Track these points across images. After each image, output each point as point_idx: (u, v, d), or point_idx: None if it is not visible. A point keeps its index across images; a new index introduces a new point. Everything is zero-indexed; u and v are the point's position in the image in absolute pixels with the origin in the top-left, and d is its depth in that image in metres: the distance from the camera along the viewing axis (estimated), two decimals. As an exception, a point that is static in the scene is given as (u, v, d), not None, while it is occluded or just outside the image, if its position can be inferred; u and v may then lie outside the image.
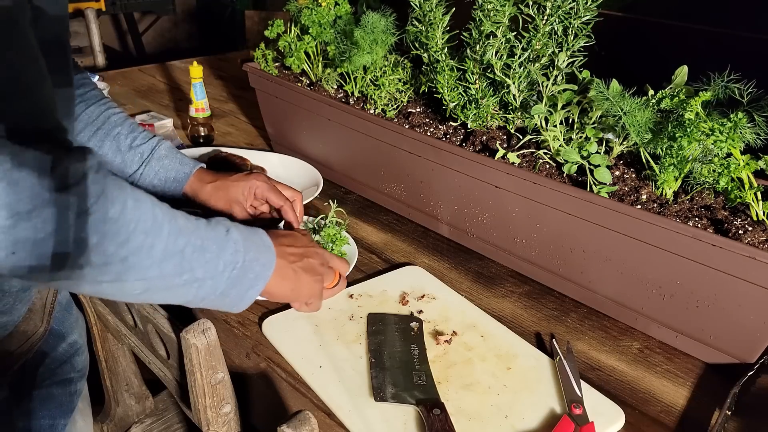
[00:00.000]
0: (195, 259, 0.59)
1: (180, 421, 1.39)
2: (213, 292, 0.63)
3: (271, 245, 0.70)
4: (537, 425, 0.67)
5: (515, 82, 0.93)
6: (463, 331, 0.81)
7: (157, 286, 0.58)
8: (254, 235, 0.68)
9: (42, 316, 0.75)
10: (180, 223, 0.59)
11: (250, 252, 0.66)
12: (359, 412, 0.67)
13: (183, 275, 0.59)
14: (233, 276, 0.64)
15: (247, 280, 0.65)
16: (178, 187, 0.93)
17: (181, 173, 0.92)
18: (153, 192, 0.92)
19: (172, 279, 0.58)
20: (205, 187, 0.92)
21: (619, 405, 0.71)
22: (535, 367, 0.75)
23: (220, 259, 0.62)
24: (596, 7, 0.85)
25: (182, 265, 0.58)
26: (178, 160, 0.93)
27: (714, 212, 0.81)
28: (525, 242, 0.92)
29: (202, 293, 0.62)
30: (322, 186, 1.14)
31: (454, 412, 0.67)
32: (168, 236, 0.57)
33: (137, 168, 0.91)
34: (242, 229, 0.67)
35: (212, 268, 0.61)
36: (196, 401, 0.77)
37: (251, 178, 0.91)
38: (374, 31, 1.02)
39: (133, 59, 4.06)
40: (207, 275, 0.61)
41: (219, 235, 0.63)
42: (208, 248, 0.61)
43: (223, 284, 0.63)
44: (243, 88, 1.76)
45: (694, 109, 0.76)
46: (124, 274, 0.54)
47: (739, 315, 0.73)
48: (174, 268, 0.58)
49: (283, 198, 0.91)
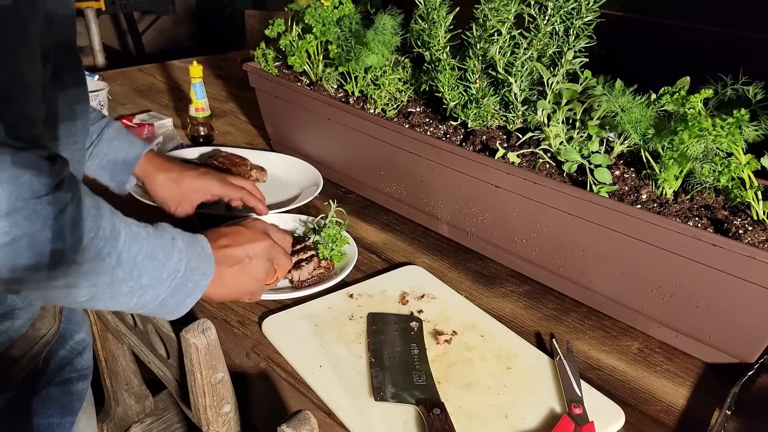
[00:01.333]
0: (144, 267, 0.59)
1: (180, 420, 1.39)
2: (153, 300, 0.62)
3: (211, 254, 0.69)
4: (537, 425, 0.67)
5: (517, 80, 0.93)
6: (463, 330, 0.81)
7: (103, 293, 0.57)
8: (196, 243, 0.68)
9: (54, 315, 0.75)
10: (134, 230, 0.59)
11: (192, 260, 0.65)
12: (359, 412, 0.67)
13: (129, 282, 0.58)
14: (173, 285, 0.63)
15: (185, 289, 0.65)
16: (127, 169, 0.92)
17: (130, 155, 0.91)
18: (102, 173, 0.92)
19: (119, 286, 0.58)
20: (158, 176, 0.92)
21: (619, 405, 0.71)
22: (535, 367, 0.75)
23: (164, 268, 0.62)
24: (598, 8, 0.85)
25: (132, 273, 0.58)
26: (127, 141, 0.92)
27: (714, 212, 0.81)
28: (525, 242, 0.92)
29: (143, 301, 0.62)
30: (322, 186, 1.14)
31: (454, 411, 0.67)
32: (124, 243, 0.57)
33: (86, 148, 0.88)
34: (185, 237, 0.67)
35: (157, 277, 0.61)
36: (196, 401, 0.77)
37: (205, 178, 0.92)
38: (385, 32, 1.02)
39: (133, 59, 4.06)
40: (151, 283, 0.61)
41: (166, 242, 0.63)
42: (156, 256, 0.61)
43: (164, 293, 0.63)
44: (243, 88, 1.76)
45: (695, 106, 0.76)
46: (78, 280, 0.54)
47: (739, 315, 0.73)
48: (124, 275, 0.58)
49: (239, 189, 0.92)
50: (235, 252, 0.73)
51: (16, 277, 0.49)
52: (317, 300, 0.85)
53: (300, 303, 0.84)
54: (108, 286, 0.57)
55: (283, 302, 0.85)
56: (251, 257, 0.75)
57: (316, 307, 0.84)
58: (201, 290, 0.67)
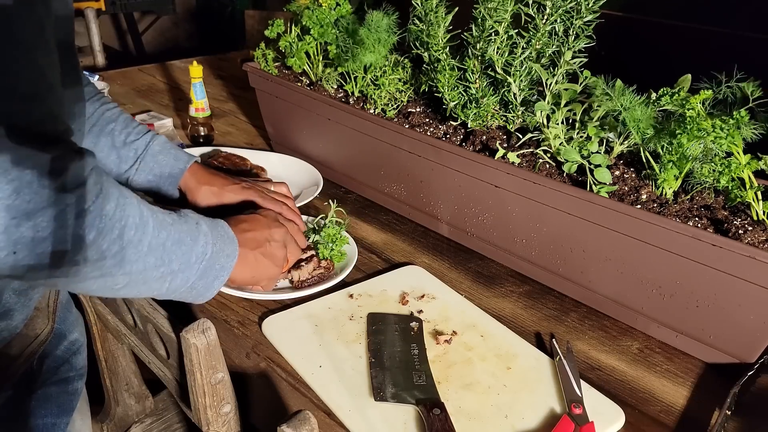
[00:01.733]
0: (173, 252, 0.62)
1: (180, 420, 1.39)
2: (184, 284, 0.65)
3: (234, 237, 0.72)
4: (537, 425, 0.67)
5: (516, 80, 0.93)
6: (463, 330, 0.81)
7: (136, 280, 0.59)
8: (218, 226, 0.71)
9: (47, 315, 0.76)
10: (160, 218, 0.61)
11: (217, 243, 0.68)
12: (359, 412, 0.67)
13: (161, 268, 0.61)
14: (202, 267, 0.66)
15: (213, 270, 0.68)
16: (173, 183, 0.93)
17: (175, 169, 0.93)
18: (149, 188, 0.93)
19: (151, 272, 0.60)
20: (201, 189, 0.93)
21: (619, 405, 0.71)
22: (535, 367, 0.75)
23: (192, 252, 0.64)
24: (598, 8, 0.85)
25: (162, 258, 0.61)
26: (172, 155, 0.94)
27: (714, 212, 0.81)
28: (525, 242, 0.92)
29: (174, 285, 0.64)
30: (322, 186, 1.14)
31: (454, 411, 0.67)
32: (153, 230, 0.59)
33: (132, 164, 0.91)
34: (208, 221, 0.69)
35: (186, 260, 0.64)
36: (196, 401, 0.77)
37: (247, 193, 0.92)
38: (378, 30, 1.02)
39: (133, 59, 4.06)
40: (181, 267, 0.63)
41: (191, 227, 0.66)
42: (184, 241, 0.63)
43: (194, 276, 0.65)
44: (243, 88, 1.76)
45: (695, 107, 0.76)
46: (113, 269, 0.56)
47: (739, 315, 0.73)
48: (155, 261, 0.60)
49: (280, 204, 0.92)
50: (256, 235, 0.76)
51: (53, 271, 0.50)
52: (317, 300, 0.85)
53: (300, 303, 0.84)
54: (141, 273, 0.59)
55: (283, 302, 0.85)
56: (270, 242, 0.77)
57: (316, 307, 0.84)
58: (228, 271, 0.69)
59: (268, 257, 0.77)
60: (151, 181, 0.93)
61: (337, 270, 0.91)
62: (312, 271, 0.88)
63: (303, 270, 0.87)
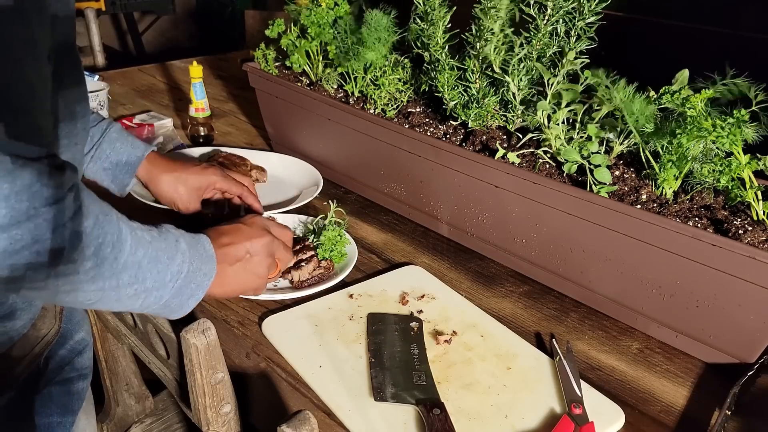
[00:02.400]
0: (148, 270, 0.61)
1: (180, 420, 1.39)
2: (157, 301, 0.63)
3: (213, 254, 0.70)
4: (537, 425, 0.67)
5: (514, 79, 0.93)
6: (463, 330, 0.81)
7: (109, 296, 0.58)
8: (198, 243, 0.69)
9: (54, 315, 0.75)
10: (139, 235, 0.60)
11: (195, 261, 0.66)
12: (359, 412, 0.67)
13: (134, 285, 0.59)
14: (177, 286, 0.64)
15: (188, 289, 0.66)
16: (129, 171, 0.92)
17: (133, 156, 0.92)
18: (104, 175, 0.93)
19: (125, 289, 0.59)
20: (162, 177, 0.93)
21: (619, 405, 0.71)
22: (535, 367, 0.75)
23: (168, 270, 0.63)
24: (600, 10, 0.85)
25: (137, 276, 0.59)
26: (129, 143, 0.92)
27: (714, 212, 0.81)
28: (525, 242, 0.92)
29: (147, 302, 0.63)
30: (322, 186, 1.14)
31: (454, 411, 0.67)
32: (130, 248, 0.58)
33: (88, 151, 0.90)
34: (188, 238, 0.68)
35: (161, 279, 0.62)
36: (196, 401, 0.77)
37: (208, 172, 0.94)
38: (378, 28, 1.02)
39: (133, 59, 4.06)
40: (155, 285, 0.62)
41: (170, 245, 0.64)
42: (160, 259, 0.62)
43: (167, 294, 0.64)
44: (243, 88, 1.76)
45: (696, 107, 0.76)
46: (86, 284, 0.55)
47: (739, 315, 0.73)
48: (129, 279, 0.59)
49: (240, 185, 0.94)
50: (236, 250, 0.74)
51: (25, 281, 0.50)
52: (317, 300, 0.85)
53: (300, 303, 0.84)
54: (114, 289, 0.58)
55: (283, 302, 0.85)
56: (252, 254, 0.75)
57: (316, 307, 0.84)
58: (203, 290, 0.68)
59: (248, 271, 0.75)
60: (107, 168, 0.91)
61: (337, 270, 0.91)
62: (312, 271, 0.88)
63: (303, 270, 0.87)
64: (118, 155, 0.91)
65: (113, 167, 0.91)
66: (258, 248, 0.76)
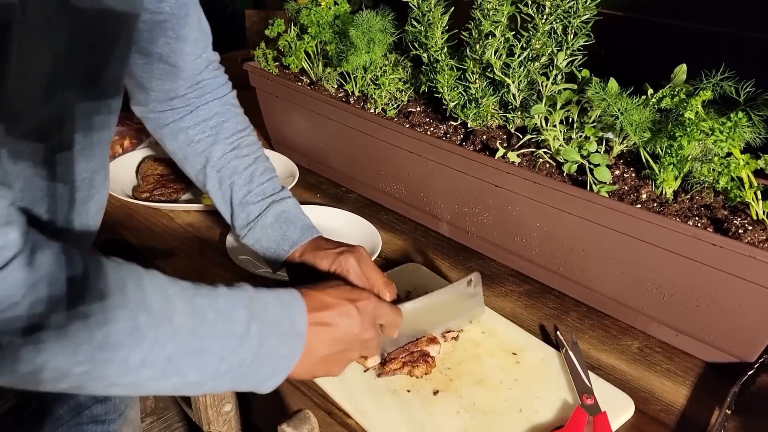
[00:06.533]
0: (185, 362, 0.51)
1: (180, 420, 1.39)
2: (216, 389, 0.55)
3: (303, 333, 0.59)
4: (551, 417, 0.68)
5: (514, 81, 0.93)
6: (469, 327, 0.81)
7: (138, 390, 0.51)
8: (284, 319, 0.58)
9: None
10: (176, 322, 0.50)
11: (267, 343, 0.56)
12: (359, 409, 0.67)
13: (171, 378, 0.50)
14: (240, 374, 0.55)
15: (261, 373, 0.56)
16: (277, 258, 0.81)
17: (280, 250, 0.80)
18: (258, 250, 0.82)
19: (155, 383, 0.50)
20: None
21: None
22: (544, 360, 0.76)
23: (223, 361, 0.53)
24: (595, 6, 0.85)
25: (166, 370, 0.50)
26: (281, 233, 0.80)
27: (714, 211, 0.81)
28: (525, 241, 0.92)
29: (203, 389, 0.55)
30: (297, 177, 1.16)
31: (469, 408, 0.68)
32: (151, 345, 0.48)
33: (243, 227, 0.82)
34: (267, 316, 0.56)
35: (210, 370, 0.52)
36: (196, 400, 0.77)
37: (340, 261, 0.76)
38: (370, 30, 1.02)
39: (133, 59, 4.04)
40: (204, 377, 0.52)
41: (230, 331, 0.53)
42: (208, 349, 0.52)
43: (228, 383, 0.55)
44: (243, 88, 1.75)
45: (694, 109, 0.76)
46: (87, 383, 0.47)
47: (739, 314, 0.73)
48: (154, 374, 0.49)
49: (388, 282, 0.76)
50: (342, 333, 0.62)
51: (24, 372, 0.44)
52: (317, 299, 0.85)
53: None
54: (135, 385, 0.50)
55: (284, 302, 0.85)
56: (346, 350, 0.63)
57: (316, 306, 0.84)
58: (284, 373, 0.58)
59: (343, 360, 0.64)
60: (258, 249, 0.82)
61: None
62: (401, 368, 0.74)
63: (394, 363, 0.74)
64: (268, 242, 0.81)
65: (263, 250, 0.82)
66: (355, 347, 0.64)
